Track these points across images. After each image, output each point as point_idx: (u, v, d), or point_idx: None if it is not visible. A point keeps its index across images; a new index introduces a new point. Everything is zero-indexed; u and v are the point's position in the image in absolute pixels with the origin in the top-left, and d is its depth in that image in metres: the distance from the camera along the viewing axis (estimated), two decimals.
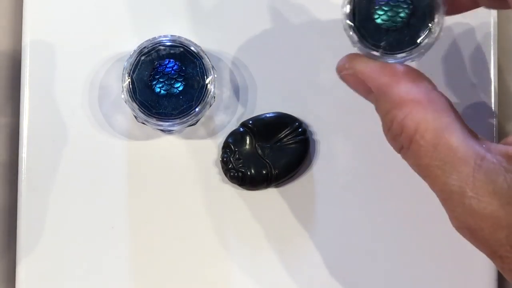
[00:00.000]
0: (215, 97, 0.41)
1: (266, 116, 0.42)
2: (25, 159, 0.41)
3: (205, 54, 0.40)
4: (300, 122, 0.42)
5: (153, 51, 0.40)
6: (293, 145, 0.42)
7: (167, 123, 0.40)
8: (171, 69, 0.40)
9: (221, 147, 0.42)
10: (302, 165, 0.42)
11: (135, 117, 0.41)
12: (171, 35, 0.40)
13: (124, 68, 0.40)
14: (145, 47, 0.40)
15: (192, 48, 0.40)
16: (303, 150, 0.42)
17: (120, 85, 0.40)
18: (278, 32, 0.43)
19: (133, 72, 0.40)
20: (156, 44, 0.40)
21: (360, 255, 0.42)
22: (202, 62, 0.40)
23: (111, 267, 0.42)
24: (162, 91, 0.39)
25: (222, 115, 0.42)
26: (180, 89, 0.40)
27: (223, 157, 0.42)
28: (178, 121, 0.40)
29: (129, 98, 0.39)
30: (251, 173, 0.41)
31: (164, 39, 0.40)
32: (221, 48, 0.42)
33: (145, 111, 0.39)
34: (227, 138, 0.42)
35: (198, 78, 0.40)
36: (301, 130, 0.42)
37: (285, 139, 0.42)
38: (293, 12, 0.43)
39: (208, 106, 0.40)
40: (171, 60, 0.40)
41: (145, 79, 0.40)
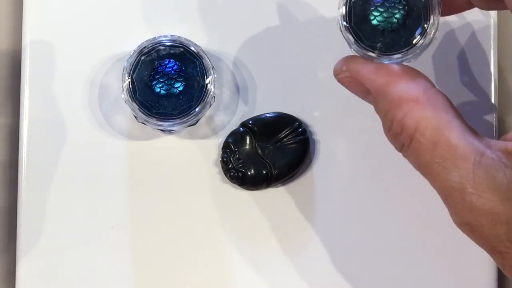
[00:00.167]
0: (215, 97, 0.41)
1: (266, 116, 0.42)
2: (25, 159, 0.41)
3: (205, 54, 0.40)
4: (300, 122, 0.42)
5: (153, 51, 0.40)
6: (293, 145, 0.42)
7: (167, 123, 0.40)
8: (171, 69, 0.40)
9: (221, 147, 0.42)
10: (302, 165, 0.42)
11: (135, 117, 0.41)
12: (171, 35, 0.40)
13: (124, 68, 0.40)
14: (145, 47, 0.40)
15: (192, 48, 0.40)
16: (303, 150, 0.42)
17: (120, 85, 0.40)
18: (278, 32, 0.43)
19: (133, 72, 0.40)
20: (156, 44, 0.40)
21: (360, 254, 0.42)
22: (202, 62, 0.40)
23: (111, 267, 0.42)
24: (162, 91, 0.39)
25: (222, 115, 0.42)
26: (180, 89, 0.40)
27: (223, 157, 0.41)
28: (178, 121, 0.39)
29: (129, 98, 0.39)
30: (251, 173, 0.41)
31: (164, 39, 0.40)
32: (221, 48, 0.42)
33: (145, 111, 0.39)
34: (227, 138, 0.42)
35: (198, 78, 0.40)
36: (301, 130, 0.42)
37: (285, 139, 0.42)
38: (293, 12, 0.43)
39: (208, 106, 0.40)
40: (171, 60, 0.40)
41: (145, 79, 0.40)
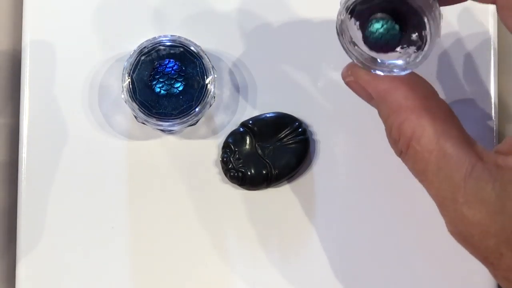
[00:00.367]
0: (215, 97, 0.41)
1: (266, 116, 0.42)
2: (25, 159, 0.41)
3: (205, 54, 0.40)
4: (300, 122, 0.42)
5: (153, 51, 0.40)
6: (293, 145, 0.42)
7: (167, 123, 0.40)
8: (171, 69, 0.40)
9: (221, 147, 0.42)
10: (302, 165, 0.42)
11: (135, 117, 0.41)
12: (171, 35, 0.40)
13: (124, 68, 0.40)
14: (145, 47, 0.40)
15: (192, 48, 0.40)
16: (303, 150, 0.42)
17: (120, 85, 0.40)
18: (278, 32, 0.43)
19: (133, 72, 0.40)
20: (156, 44, 0.40)
21: (360, 254, 0.42)
22: (202, 62, 0.40)
23: (111, 267, 0.42)
24: (162, 91, 0.39)
25: (222, 115, 0.42)
26: (180, 89, 0.40)
27: (223, 157, 0.41)
28: (178, 121, 0.39)
29: (129, 98, 0.39)
30: (251, 173, 0.41)
31: (164, 39, 0.40)
32: (221, 48, 0.42)
33: (145, 111, 0.39)
34: (227, 138, 0.42)
35: (198, 78, 0.40)
36: (301, 130, 0.42)
37: (285, 139, 0.42)
38: (294, 12, 0.43)
39: (208, 106, 0.40)
40: (171, 60, 0.40)
41: (145, 79, 0.40)
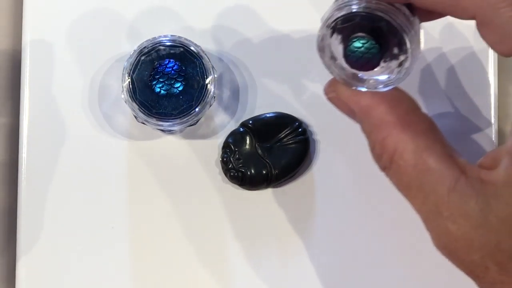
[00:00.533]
0: (215, 97, 0.41)
1: (266, 116, 0.42)
2: (25, 159, 0.41)
3: (205, 54, 0.40)
4: (300, 122, 0.42)
5: (153, 51, 0.40)
6: (293, 145, 0.42)
7: (167, 123, 0.40)
8: (171, 69, 0.40)
9: (221, 147, 0.42)
10: (302, 165, 0.42)
11: (135, 117, 0.41)
12: (171, 35, 0.40)
13: (124, 68, 0.40)
14: (145, 47, 0.40)
15: (192, 48, 0.40)
16: (303, 150, 0.42)
17: (120, 85, 0.40)
18: (278, 32, 0.43)
19: (133, 72, 0.40)
20: (156, 44, 0.40)
21: (360, 255, 0.42)
22: (202, 62, 0.40)
23: (111, 267, 0.42)
24: (162, 91, 0.39)
25: (222, 115, 0.42)
26: (180, 89, 0.40)
27: (223, 157, 0.41)
28: (178, 121, 0.39)
29: (129, 98, 0.39)
30: (251, 173, 0.41)
31: (164, 39, 0.40)
32: (221, 48, 0.42)
33: (145, 111, 0.39)
34: (227, 138, 0.42)
35: (198, 78, 0.40)
36: (301, 130, 0.42)
37: (285, 139, 0.42)
38: (294, 12, 0.43)
39: (208, 106, 0.40)
40: (171, 60, 0.40)
41: (145, 79, 0.40)
